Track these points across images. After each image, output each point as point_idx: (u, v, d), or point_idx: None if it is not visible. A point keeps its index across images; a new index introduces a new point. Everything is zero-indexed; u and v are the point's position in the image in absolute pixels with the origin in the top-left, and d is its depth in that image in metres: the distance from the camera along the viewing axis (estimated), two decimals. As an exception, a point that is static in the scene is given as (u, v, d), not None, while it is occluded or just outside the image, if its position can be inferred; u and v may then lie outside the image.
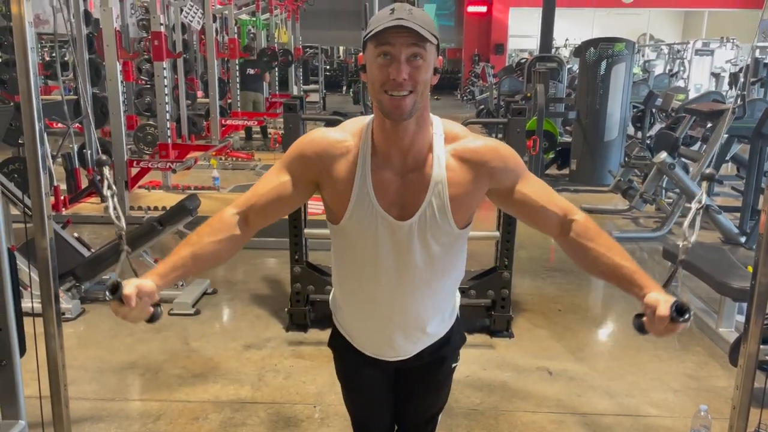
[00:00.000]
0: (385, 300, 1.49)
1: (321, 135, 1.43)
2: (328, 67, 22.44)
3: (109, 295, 1.23)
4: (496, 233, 3.56)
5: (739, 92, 5.28)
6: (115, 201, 1.57)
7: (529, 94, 8.23)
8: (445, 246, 1.45)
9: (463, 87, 20.44)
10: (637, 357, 3.40)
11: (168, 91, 6.31)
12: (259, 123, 10.16)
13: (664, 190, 6.30)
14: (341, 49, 25.44)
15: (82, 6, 5.61)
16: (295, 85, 13.05)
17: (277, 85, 12.20)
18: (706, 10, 21.02)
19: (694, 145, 6.41)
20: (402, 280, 1.46)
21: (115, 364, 3.21)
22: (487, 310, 3.59)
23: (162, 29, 6.03)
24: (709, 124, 5.81)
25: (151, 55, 6.23)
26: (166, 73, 6.22)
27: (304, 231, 3.53)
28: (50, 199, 2.05)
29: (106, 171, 1.69)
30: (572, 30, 19.52)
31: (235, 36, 9.53)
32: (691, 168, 5.72)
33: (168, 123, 6.30)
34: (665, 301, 1.24)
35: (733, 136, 5.74)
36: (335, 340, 1.66)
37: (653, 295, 1.27)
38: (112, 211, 1.54)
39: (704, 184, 1.66)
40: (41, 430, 2.14)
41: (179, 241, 1.76)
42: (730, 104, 5.48)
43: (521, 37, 21.70)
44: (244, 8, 10.79)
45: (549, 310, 3.99)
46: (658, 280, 1.36)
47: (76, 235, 4.36)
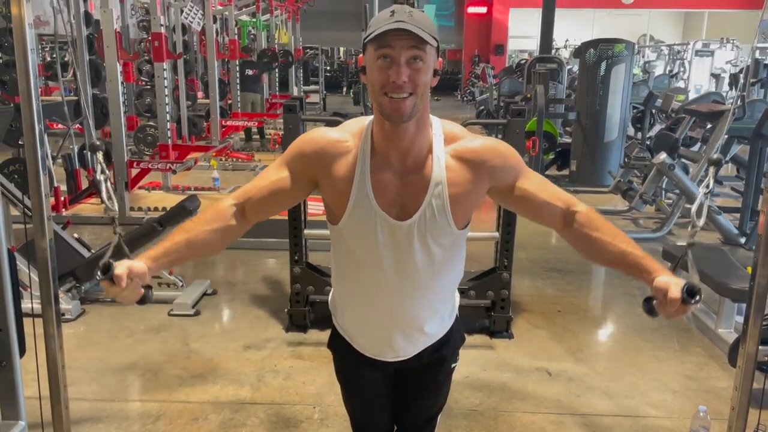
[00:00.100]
0: (385, 300, 1.49)
1: (320, 134, 1.44)
2: (328, 68, 22.45)
3: (100, 275, 1.25)
4: (496, 234, 3.57)
5: (739, 93, 5.29)
6: (108, 185, 1.58)
7: (529, 95, 8.23)
8: (445, 246, 1.45)
9: (463, 88, 20.45)
10: (637, 358, 3.40)
11: (168, 92, 6.32)
12: (259, 124, 10.17)
13: (664, 191, 6.29)
14: (342, 50, 25.44)
15: (83, 7, 5.62)
16: (295, 86, 13.06)
17: (277, 85, 12.21)
18: (706, 11, 21.03)
19: (694, 146, 6.41)
20: (401, 281, 1.46)
21: (114, 365, 3.22)
22: (487, 311, 3.59)
23: (162, 30, 6.03)
24: (709, 125, 5.82)
25: (152, 56, 6.24)
26: (167, 74, 6.23)
27: (304, 232, 3.54)
28: (50, 200, 2.06)
29: (100, 155, 1.70)
30: (572, 31, 19.52)
31: (236, 37, 9.53)
32: (690, 169, 5.72)
33: (168, 124, 6.30)
34: (676, 284, 1.25)
35: (733, 137, 5.74)
36: (335, 341, 1.66)
37: (663, 279, 1.29)
38: (104, 195, 1.55)
39: (711, 168, 1.64)
40: (41, 431, 2.14)
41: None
42: (729, 105, 5.48)
43: (521, 37, 21.70)
44: (245, 9, 10.80)
45: (548, 310, 3.99)
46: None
47: (76, 235, 4.36)
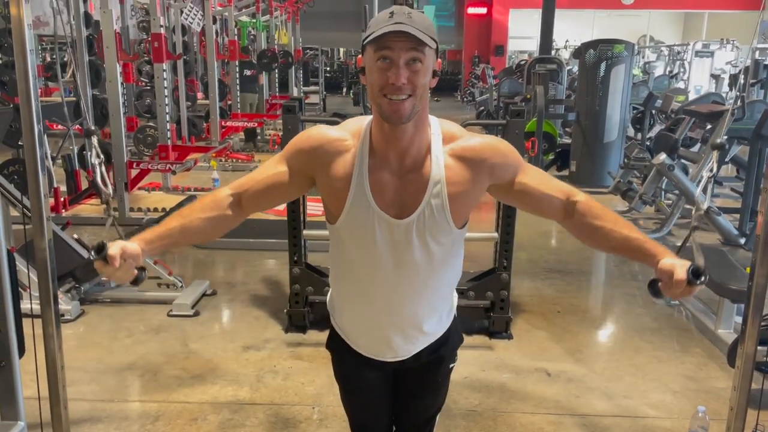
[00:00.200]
0: (383, 299, 1.50)
1: (319, 132, 1.45)
2: (328, 69, 22.47)
3: (94, 255, 1.26)
4: (495, 234, 3.57)
5: (739, 93, 5.29)
6: (103, 169, 1.59)
7: (528, 96, 8.24)
8: (444, 246, 1.45)
9: (463, 88, 20.46)
10: (636, 358, 3.40)
11: (168, 92, 6.32)
12: (260, 125, 10.16)
13: (664, 192, 6.29)
14: (341, 50, 25.45)
15: (82, 8, 5.62)
16: (295, 87, 13.06)
17: (277, 86, 12.20)
18: (706, 12, 21.03)
19: (694, 147, 6.41)
20: (399, 279, 1.47)
21: (114, 365, 3.22)
22: (486, 312, 3.59)
23: (162, 31, 6.03)
24: (709, 126, 5.81)
25: (151, 57, 6.24)
26: (166, 75, 6.23)
27: (303, 232, 3.54)
28: (49, 201, 2.06)
29: (95, 141, 1.71)
30: (572, 31, 19.54)
31: (235, 38, 9.53)
32: (690, 169, 5.72)
33: (168, 124, 6.30)
34: (681, 265, 1.27)
35: (733, 137, 5.74)
36: (333, 341, 1.66)
37: (668, 261, 1.31)
38: (99, 178, 1.57)
39: (714, 153, 1.65)
40: (40, 431, 2.15)
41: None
42: (729, 106, 5.48)
43: (521, 38, 21.71)
44: (245, 10, 10.80)
45: (548, 311, 3.99)
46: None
47: (75, 236, 4.35)
